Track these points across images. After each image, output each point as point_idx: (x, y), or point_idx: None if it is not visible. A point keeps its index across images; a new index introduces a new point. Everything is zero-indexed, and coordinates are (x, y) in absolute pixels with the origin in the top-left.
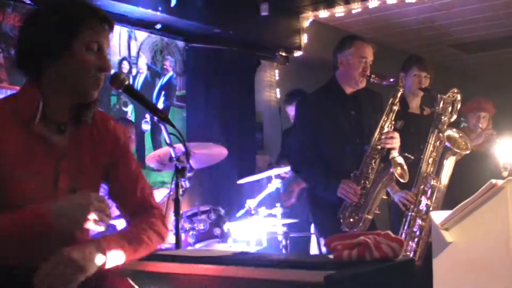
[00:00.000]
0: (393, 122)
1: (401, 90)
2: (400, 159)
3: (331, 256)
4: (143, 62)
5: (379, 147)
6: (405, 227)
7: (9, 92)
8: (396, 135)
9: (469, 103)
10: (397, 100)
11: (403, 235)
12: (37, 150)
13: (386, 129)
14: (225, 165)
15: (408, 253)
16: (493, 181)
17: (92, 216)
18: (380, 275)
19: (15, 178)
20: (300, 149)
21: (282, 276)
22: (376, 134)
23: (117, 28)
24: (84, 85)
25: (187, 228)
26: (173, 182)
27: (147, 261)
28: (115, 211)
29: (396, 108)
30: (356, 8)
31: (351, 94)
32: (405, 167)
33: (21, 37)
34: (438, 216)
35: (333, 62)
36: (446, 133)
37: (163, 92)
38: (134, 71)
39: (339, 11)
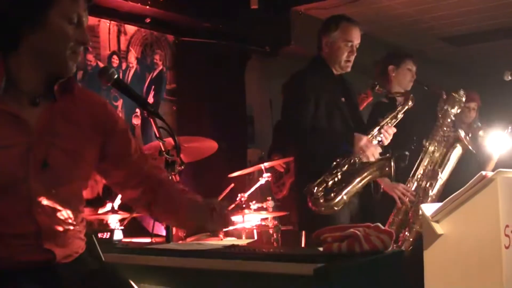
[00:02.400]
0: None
1: (411, 105)
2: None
3: (320, 249)
4: (132, 56)
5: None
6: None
7: None
8: (392, 131)
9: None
10: (403, 111)
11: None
12: (4, 124)
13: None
14: (216, 159)
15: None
16: (483, 173)
17: None
18: (370, 267)
19: None
20: (300, 118)
21: (272, 269)
22: (376, 130)
23: (106, 22)
24: (63, 57)
25: None
26: None
27: (138, 255)
28: None
29: (401, 116)
30: (346, 1)
31: (338, 76)
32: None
33: None
34: (429, 208)
35: (317, 43)
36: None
37: (153, 86)
38: (124, 66)
39: (330, 4)
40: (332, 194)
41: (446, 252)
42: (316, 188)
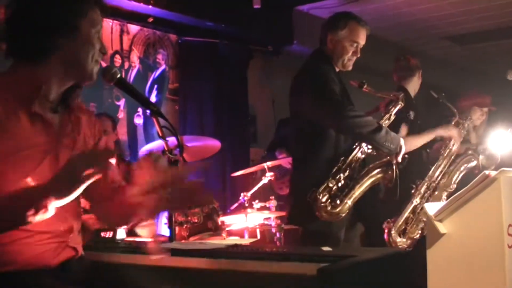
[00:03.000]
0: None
1: (402, 104)
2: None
3: (325, 249)
4: (135, 55)
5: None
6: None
7: None
8: None
9: (472, 98)
10: (395, 111)
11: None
12: (36, 128)
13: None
14: (219, 158)
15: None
16: (486, 172)
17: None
18: (374, 267)
19: (19, 155)
20: (345, 109)
21: (275, 268)
22: None
23: (109, 22)
24: (90, 65)
25: (181, 221)
26: None
27: (142, 254)
28: None
29: (393, 118)
30: (349, 0)
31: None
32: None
33: (23, 17)
34: (432, 208)
35: (321, 36)
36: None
37: (155, 86)
38: (126, 65)
39: (332, 3)
40: (338, 201)
41: (449, 251)
42: (320, 194)
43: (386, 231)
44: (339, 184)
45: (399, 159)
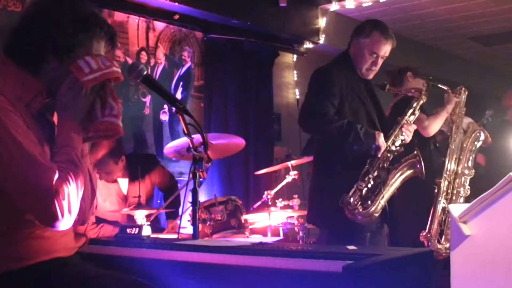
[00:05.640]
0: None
1: (425, 99)
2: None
3: (350, 247)
4: (161, 52)
5: (396, 145)
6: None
7: None
8: (413, 129)
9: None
10: (418, 107)
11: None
12: (38, 125)
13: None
14: (243, 156)
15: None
16: None
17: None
18: (399, 265)
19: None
20: (323, 107)
21: (300, 265)
22: (397, 131)
23: (135, 19)
24: None
25: (205, 219)
26: (191, 173)
27: (167, 250)
28: None
29: (417, 113)
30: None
31: (362, 77)
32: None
33: (29, 27)
34: (457, 209)
35: (349, 39)
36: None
37: (181, 83)
38: (152, 62)
39: (358, 2)
40: (369, 202)
41: (473, 253)
42: (352, 198)
43: (425, 242)
44: (369, 186)
45: (379, 153)
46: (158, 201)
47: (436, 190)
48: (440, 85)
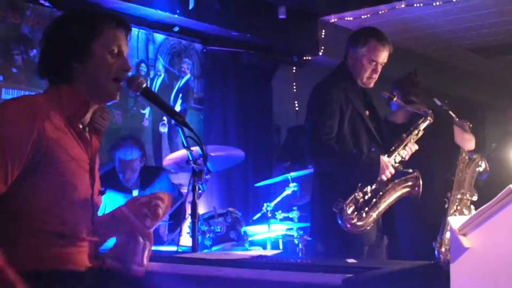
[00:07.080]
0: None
1: (431, 121)
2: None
3: (349, 260)
4: (160, 64)
5: (396, 161)
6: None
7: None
8: (414, 149)
9: None
10: (423, 127)
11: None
12: (79, 143)
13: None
14: (242, 168)
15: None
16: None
17: None
18: (399, 278)
19: (65, 167)
20: (321, 134)
21: (300, 279)
22: (401, 148)
23: (135, 31)
24: (110, 86)
25: (204, 231)
26: (190, 185)
27: (166, 263)
28: None
29: (421, 133)
30: (378, 11)
31: (361, 87)
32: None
33: (48, 42)
34: (456, 221)
35: (344, 50)
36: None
37: (180, 95)
38: (151, 74)
39: (357, 14)
40: (363, 214)
41: (473, 266)
42: (347, 206)
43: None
44: (366, 197)
45: (383, 177)
46: None
47: (446, 205)
48: (450, 112)
